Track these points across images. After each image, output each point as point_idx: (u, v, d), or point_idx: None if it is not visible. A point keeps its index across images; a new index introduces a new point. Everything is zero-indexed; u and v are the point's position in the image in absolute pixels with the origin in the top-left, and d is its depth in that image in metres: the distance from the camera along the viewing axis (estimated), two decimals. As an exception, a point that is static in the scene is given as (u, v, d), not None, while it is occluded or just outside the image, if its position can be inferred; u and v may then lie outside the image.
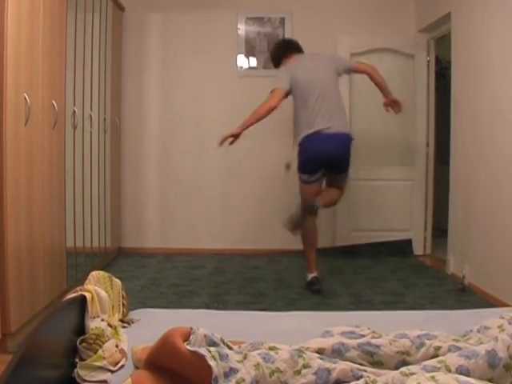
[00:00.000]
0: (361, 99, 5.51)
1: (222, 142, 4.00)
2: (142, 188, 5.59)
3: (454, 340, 1.70)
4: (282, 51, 4.36)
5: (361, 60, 5.48)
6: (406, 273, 4.77)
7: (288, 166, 4.96)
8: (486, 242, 4.01)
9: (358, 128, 5.51)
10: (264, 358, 1.51)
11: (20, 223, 2.96)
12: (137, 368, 1.63)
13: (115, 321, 1.93)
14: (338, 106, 4.12)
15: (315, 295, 4.04)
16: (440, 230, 5.33)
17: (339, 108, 4.13)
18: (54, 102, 3.38)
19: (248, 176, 5.55)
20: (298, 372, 1.51)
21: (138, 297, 3.85)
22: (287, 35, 5.46)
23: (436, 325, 1.98)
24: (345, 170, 4.19)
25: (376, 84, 4.28)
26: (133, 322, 2.09)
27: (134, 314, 2.18)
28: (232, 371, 1.44)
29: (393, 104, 4.35)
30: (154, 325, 1.96)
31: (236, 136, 4.00)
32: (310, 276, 4.21)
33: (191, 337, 1.52)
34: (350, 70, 4.35)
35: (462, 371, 1.47)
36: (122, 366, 1.67)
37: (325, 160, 4.05)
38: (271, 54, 4.49)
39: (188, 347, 1.46)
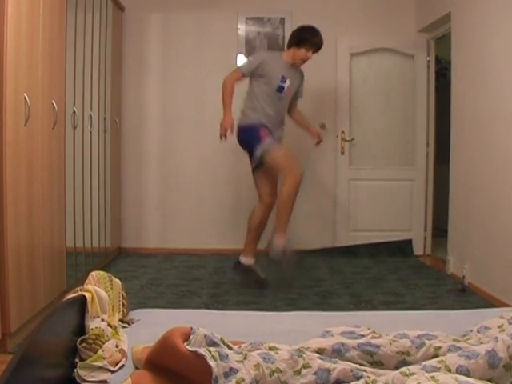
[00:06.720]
0: (361, 99, 5.51)
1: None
2: (142, 188, 5.59)
3: (454, 340, 1.70)
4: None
5: (361, 60, 5.51)
6: (405, 273, 4.77)
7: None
8: (486, 241, 4.01)
9: (358, 128, 5.54)
10: (264, 358, 1.51)
11: (20, 223, 2.96)
12: (137, 368, 1.63)
13: (115, 321, 1.93)
14: None
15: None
16: (440, 229, 5.33)
17: None
18: (53, 102, 3.38)
19: (248, 176, 5.54)
20: (298, 372, 1.51)
21: (138, 297, 3.85)
22: (287, 35, 5.45)
23: (436, 325, 1.98)
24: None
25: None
26: (133, 322, 2.09)
27: (134, 314, 2.19)
28: (232, 371, 1.44)
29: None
30: (154, 325, 1.96)
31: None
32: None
33: (191, 337, 1.52)
34: None
35: (462, 371, 1.47)
36: (122, 365, 1.67)
37: None
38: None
39: (188, 347, 1.46)
